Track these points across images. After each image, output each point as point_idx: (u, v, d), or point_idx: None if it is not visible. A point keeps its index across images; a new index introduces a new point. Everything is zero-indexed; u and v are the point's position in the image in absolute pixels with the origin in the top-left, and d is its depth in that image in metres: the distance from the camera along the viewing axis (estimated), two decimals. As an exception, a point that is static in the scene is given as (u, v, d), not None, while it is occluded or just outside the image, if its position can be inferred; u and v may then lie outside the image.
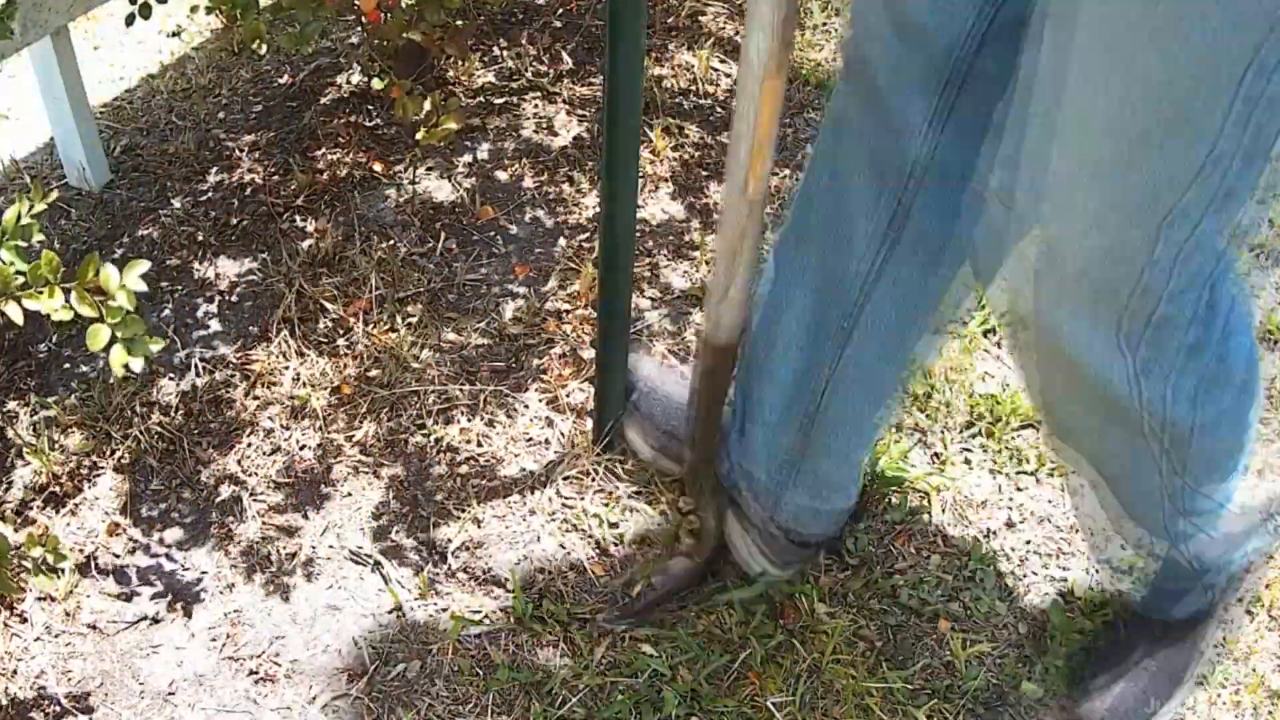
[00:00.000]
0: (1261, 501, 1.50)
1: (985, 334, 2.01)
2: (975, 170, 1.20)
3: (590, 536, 1.68)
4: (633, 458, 1.66)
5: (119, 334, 1.21)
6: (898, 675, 1.56)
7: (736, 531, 1.49)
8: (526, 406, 1.86)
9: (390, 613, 1.62)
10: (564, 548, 1.67)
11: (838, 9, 2.73)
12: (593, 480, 1.74)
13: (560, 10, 2.68)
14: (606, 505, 1.71)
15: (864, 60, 1.20)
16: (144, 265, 1.23)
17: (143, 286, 1.22)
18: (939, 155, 1.20)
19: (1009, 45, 1.11)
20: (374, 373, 1.89)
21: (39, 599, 1.61)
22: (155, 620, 1.60)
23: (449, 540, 1.68)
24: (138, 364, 1.21)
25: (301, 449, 1.80)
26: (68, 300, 1.20)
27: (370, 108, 2.40)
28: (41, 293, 1.20)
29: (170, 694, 1.53)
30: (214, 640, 1.58)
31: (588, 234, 2.15)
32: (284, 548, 1.68)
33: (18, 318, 1.20)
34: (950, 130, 1.18)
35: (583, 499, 1.72)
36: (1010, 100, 1.12)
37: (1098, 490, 1.35)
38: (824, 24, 2.70)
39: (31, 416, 1.82)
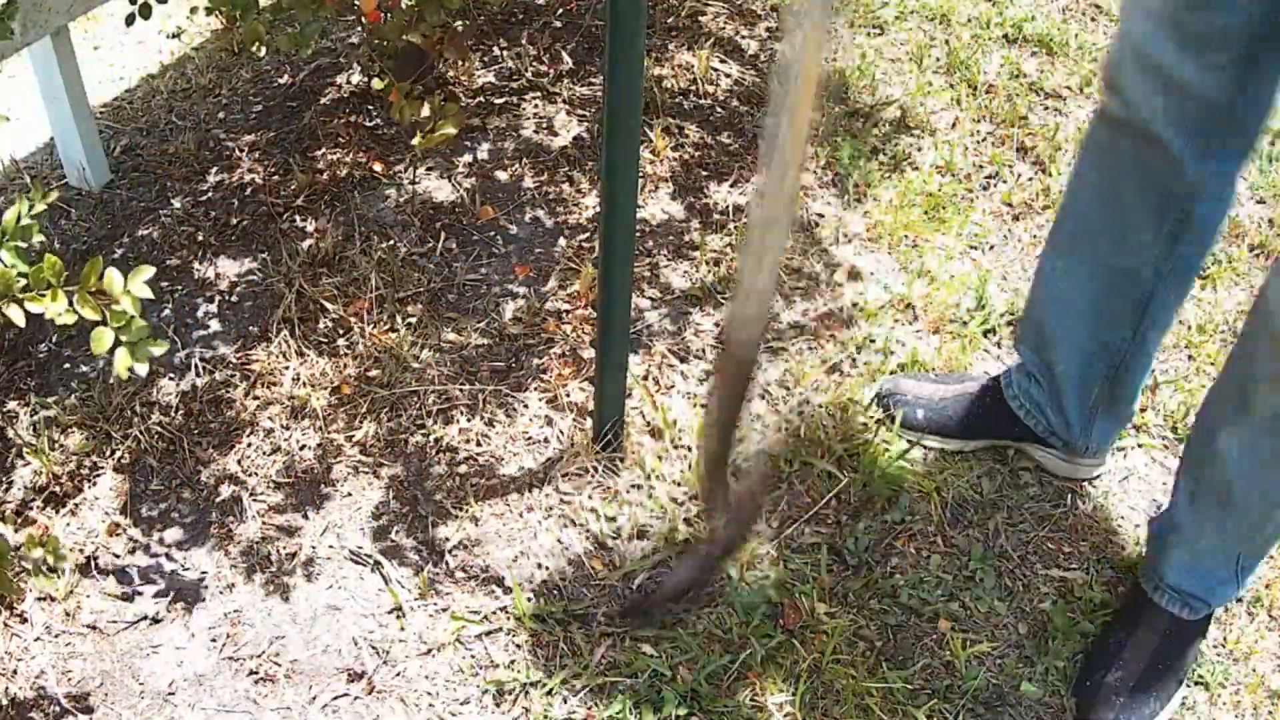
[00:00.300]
0: None
1: (985, 334, 2.02)
2: (1236, 177, 1.49)
3: (588, 531, 1.68)
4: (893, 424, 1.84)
5: (123, 338, 1.20)
6: (898, 675, 1.56)
7: (1038, 454, 1.83)
8: (526, 406, 1.86)
9: (390, 613, 1.62)
10: (561, 543, 1.67)
11: (836, 7, 2.73)
12: (591, 477, 1.74)
13: (560, 10, 2.68)
14: (604, 500, 1.71)
15: (1136, 108, 1.44)
16: (149, 271, 1.22)
17: (148, 293, 1.21)
18: (1209, 177, 1.46)
19: (1269, 79, 1.37)
20: (374, 373, 1.89)
21: (39, 599, 1.61)
22: (155, 620, 1.60)
23: (447, 539, 1.68)
24: (142, 368, 1.21)
25: (301, 449, 1.80)
26: (71, 304, 1.20)
27: (370, 108, 2.41)
28: (44, 295, 1.20)
29: (170, 694, 1.53)
30: (214, 640, 1.58)
31: (588, 234, 2.15)
32: (284, 548, 1.68)
33: (20, 320, 1.20)
34: (1218, 156, 1.44)
35: (580, 495, 1.72)
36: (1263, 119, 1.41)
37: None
38: (824, 24, 2.69)
39: (31, 416, 1.82)
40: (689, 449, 1.79)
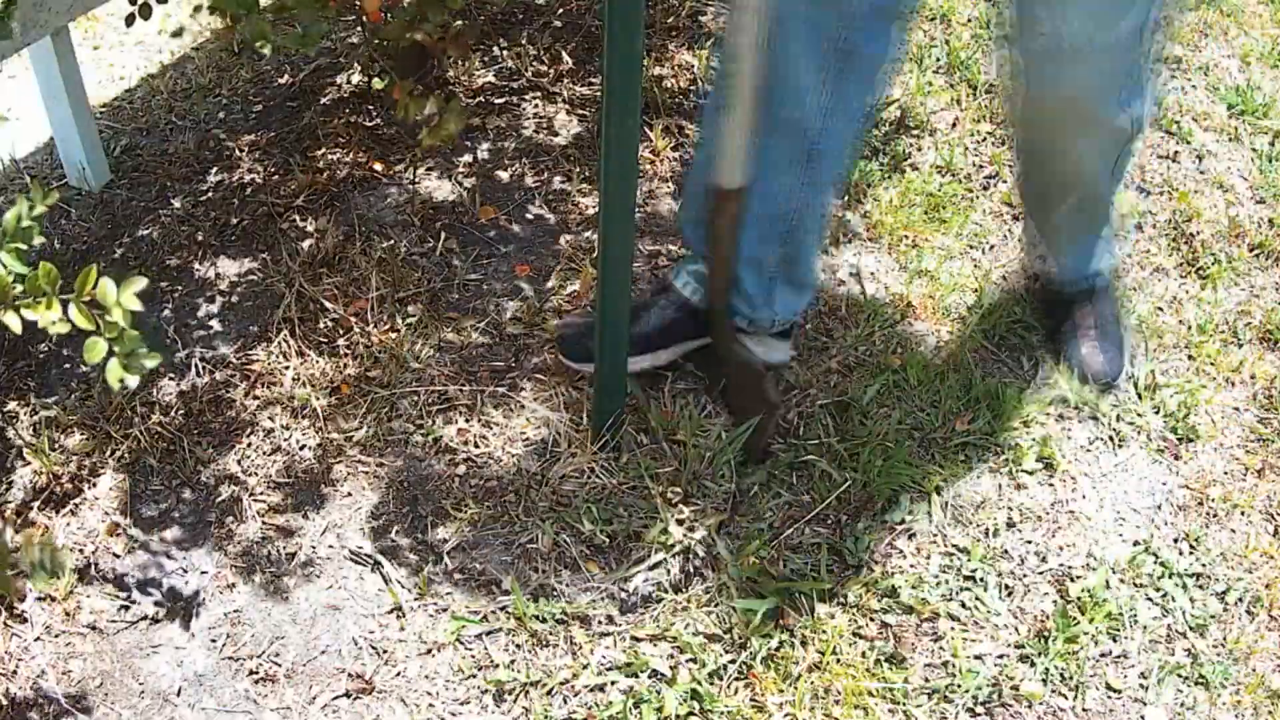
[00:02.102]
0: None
1: (985, 334, 2.02)
2: (905, 28, 1.54)
3: (582, 533, 1.68)
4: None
5: (116, 349, 1.20)
6: (898, 675, 1.56)
7: (750, 353, 1.82)
8: (524, 406, 1.86)
9: (390, 613, 1.62)
10: (557, 545, 1.67)
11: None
12: (587, 478, 1.74)
13: (560, 10, 2.68)
14: (599, 501, 1.71)
15: None
16: (141, 282, 1.21)
17: (138, 305, 1.20)
18: (870, 10, 1.47)
19: None
20: (374, 372, 1.89)
21: (39, 599, 1.61)
22: (155, 620, 1.60)
23: (445, 540, 1.69)
24: (133, 380, 1.20)
25: (301, 449, 1.80)
26: (65, 313, 1.19)
27: (370, 108, 2.41)
28: (39, 303, 1.19)
29: (170, 694, 1.53)
30: (214, 640, 1.58)
31: (588, 233, 2.15)
32: (284, 548, 1.68)
33: (16, 327, 1.19)
34: None
35: (576, 496, 1.72)
36: None
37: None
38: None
39: (31, 416, 1.82)
40: (681, 442, 1.79)
